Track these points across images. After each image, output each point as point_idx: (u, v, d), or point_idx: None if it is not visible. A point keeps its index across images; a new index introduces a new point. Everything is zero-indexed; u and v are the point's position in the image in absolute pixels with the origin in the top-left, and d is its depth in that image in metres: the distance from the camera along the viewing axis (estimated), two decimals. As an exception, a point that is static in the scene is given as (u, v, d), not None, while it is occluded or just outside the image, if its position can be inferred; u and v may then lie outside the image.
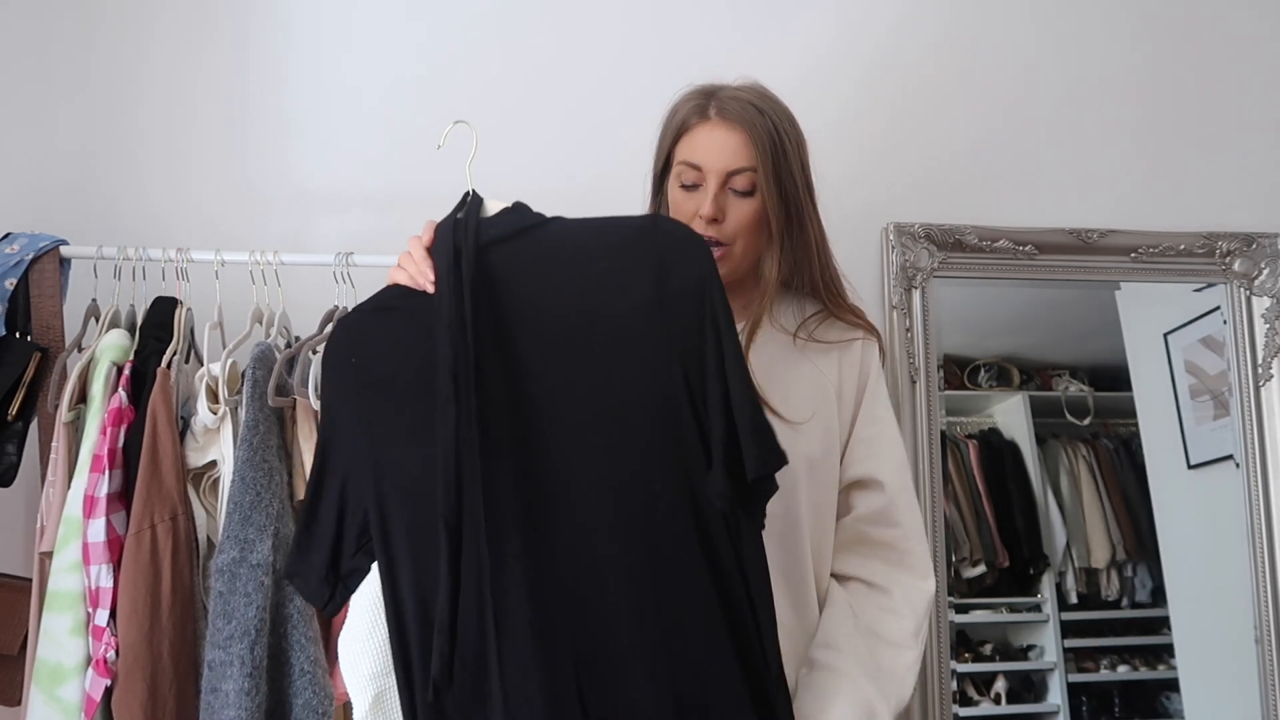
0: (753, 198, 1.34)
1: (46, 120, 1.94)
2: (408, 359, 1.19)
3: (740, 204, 1.34)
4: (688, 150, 1.36)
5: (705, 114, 1.35)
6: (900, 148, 2.07)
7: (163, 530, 1.48)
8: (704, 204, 1.33)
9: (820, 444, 1.37)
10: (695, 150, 1.35)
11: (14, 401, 1.59)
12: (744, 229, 1.35)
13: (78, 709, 1.46)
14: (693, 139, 1.36)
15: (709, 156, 1.34)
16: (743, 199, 1.34)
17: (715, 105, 1.35)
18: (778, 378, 1.37)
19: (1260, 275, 2.08)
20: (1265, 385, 2.05)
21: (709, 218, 1.33)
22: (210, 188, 1.95)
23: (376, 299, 1.26)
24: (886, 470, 1.39)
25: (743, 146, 1.33)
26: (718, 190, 1.33)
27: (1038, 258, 2.04)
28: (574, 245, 1.20)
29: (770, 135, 1.33)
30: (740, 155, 1.33)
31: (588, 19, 2.05)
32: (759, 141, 1.32)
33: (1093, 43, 2.15)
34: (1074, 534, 2.15)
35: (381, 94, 2.00)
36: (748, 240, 1.36)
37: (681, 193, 1.37)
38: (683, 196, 1.36)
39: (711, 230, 1.33)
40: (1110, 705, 2.13)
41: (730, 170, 1.33)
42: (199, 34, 1.98)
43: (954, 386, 2.08)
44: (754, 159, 1.33)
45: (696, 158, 1.35)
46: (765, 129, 1.33)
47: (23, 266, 1.63)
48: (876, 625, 1.32)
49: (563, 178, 1.98)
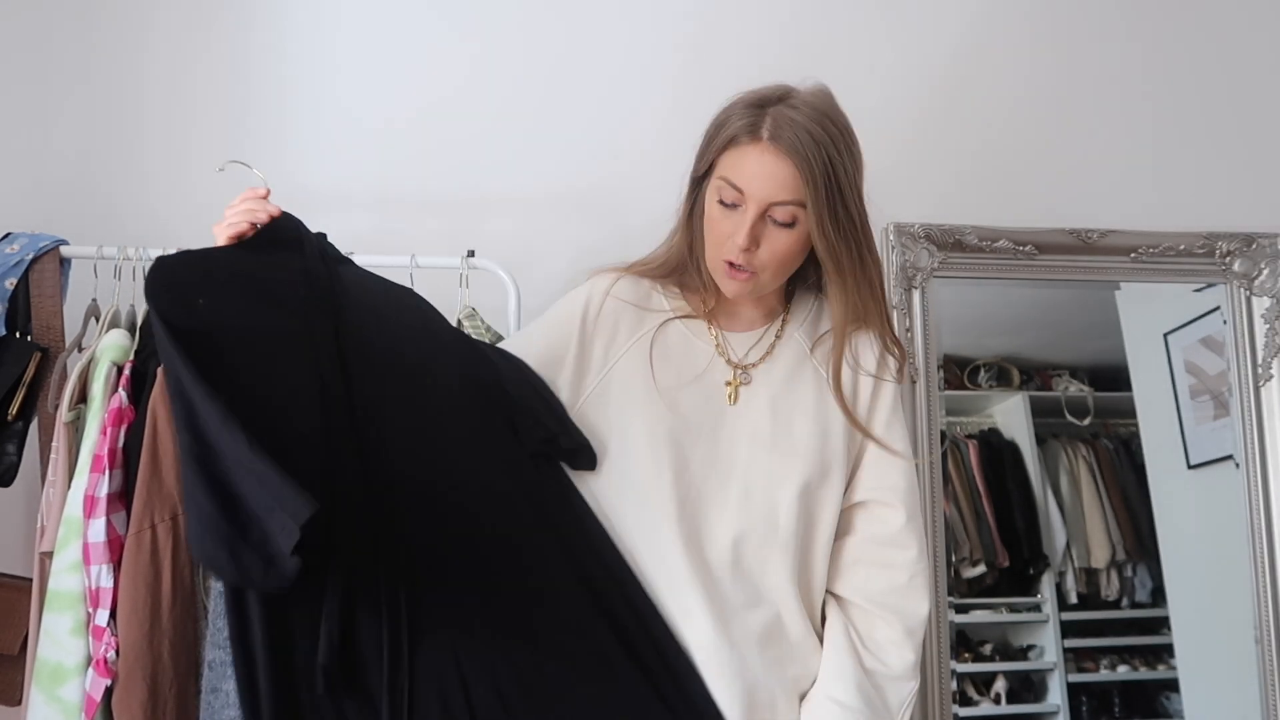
0: (791, 230, 1.29)
1: (47, 120, 1.94)
2: (252, 315, 1.19)
3: (777, 234, 1.29)
4: (733, 168, 1.28)
5: (757, 134, 1.26)
6: (900, 148, 2.06)
7: (163, 530, 1.48)
8: (740, 232, 1.28)
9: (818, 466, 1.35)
10: (741, 173, 1.27)
11: (14, 401, 1.59)
12: (776, 260, 1.31)
13: (78, 709, 1.46)
14: (740, 158, 1.28)
15: (754, 184, 1.26)
16: (780, 229, 1.29)
17: (769, 126, 1.26)
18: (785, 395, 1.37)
19: (1260, 275, 2.08)
20: (1265, 385, 2.05)
21: (743, 248, 1.28)
22: (210, 187, 1.95)
23: (207, 249, 1.23)
24: (901, 493, 1.36)
25: (791, 179, 1.25)
26: (756, 219, 1.27)
27: (1038, 258, 2.04)
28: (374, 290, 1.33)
29: (825, 169, 1.25)
30: (786, 188, 1.26)
31: (594, 20, 2.05)
32: (809, 176, 1.24)
33: (1093, 43, 2.15)
34: (1074, 534, 2.15)
35: (382, 94, 2.00)
36: (776, 270, 1.33)
37: (719, 209, 1.31)
38: (720, 213, 1.31)
39: (742, 258, 1.29)
40: (1110, 705, 2.13)
41: (772, 201, 1.27)
42: (199, 34, 1.98)
43: (954, 386, 2.08)
44: (801, 193, 1.25)
45: (741, 181, 1.27)
46: (820, 161, 1.24)
47: (23, 266, 1.63)
48: (883, 658, 1.31)
49: (563, 177, 1.99)
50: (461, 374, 1.33)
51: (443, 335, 1.37)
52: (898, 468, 1.38)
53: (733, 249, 1.29)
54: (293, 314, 1.20)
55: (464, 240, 1.76)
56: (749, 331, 1.42)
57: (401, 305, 1.35)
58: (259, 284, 1.20)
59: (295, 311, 1.21)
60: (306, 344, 1.19)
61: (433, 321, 1.37)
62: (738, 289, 1.34)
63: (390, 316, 1.32)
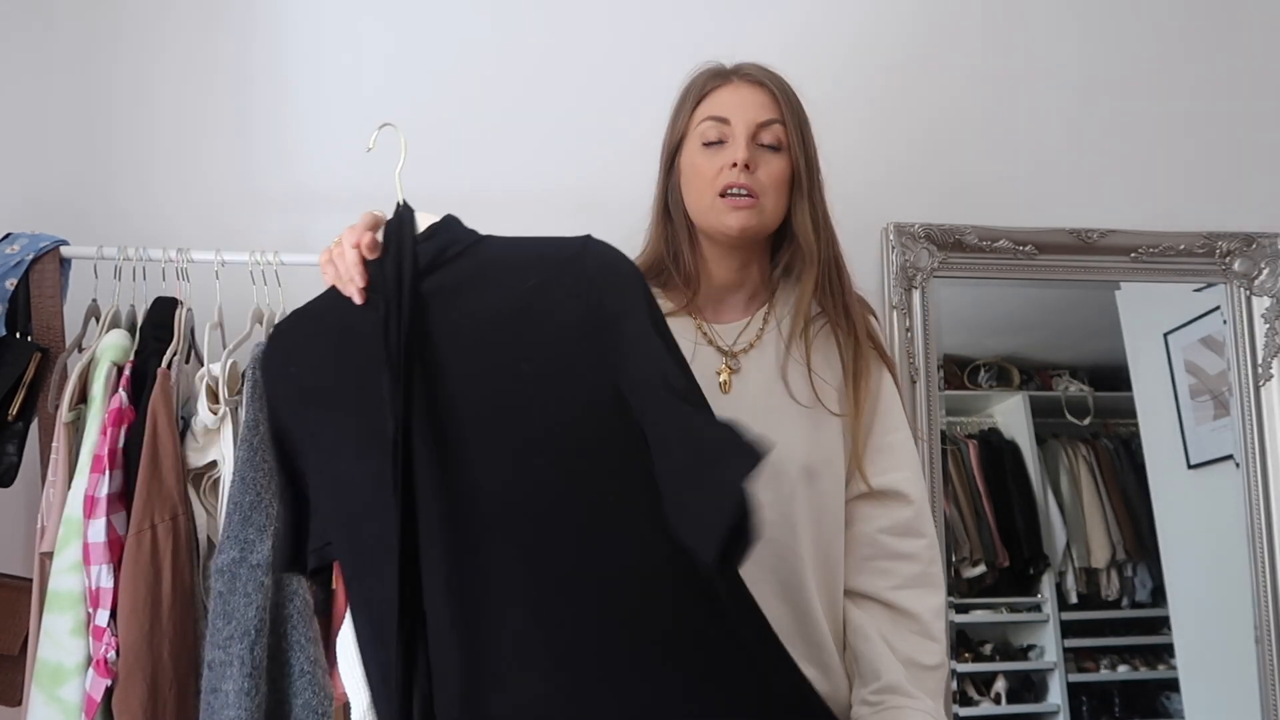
0: (781, 154, 1.34)
1: (47, 120, 1.94)
2: (343, 369, 1.18)
3: (770, 159, 1.33)
4: (713, 107, 1.36)
5: (727, 78, 1.37)
6: (901, 148, 2.07)
7: (163, 530, 1.48)
8: (737, 151, 1.31)
9: (819, 454, 1.34)
10: (722, 105, 1.35)
11: (14, 401, 1.58)
12: (775, 183, 1.34)
13: (78, 709, 1.46)
14: (717, 97, 1.36)
15: (737, 109, 1.34)
16: (772, 154, 1.33)
17: (736, 72, 1.38)
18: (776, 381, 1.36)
19: (1260, 275, 2.08)
20: (1265, 385, 2.05)
21: (743, 163, 1.31)
22: (210, 187, 1.95)
23: (310, 305, 1.25)
24: (909, 481, 1.36)
25: (769, 101, 1.34)
26: (748, 140, 1.32)
27: (1038, 258, 2.04)
28: (504, 269, 1.16)
29: (791, 97, 1.36)
30: (767, 108, 1.34)
31: (581, 18, 2.05)
32: (784, 99, 1.35)
33: (1092, 44, 2.15)
34: (1074, 534, 2.15)
35: (381, 94, 2.00)
36: (778, 196, 1.34)
37: (704, 153, 1.34)
38: (705, 157, 1.34)
39: (744, 178, 1.31)
40: (1110, 705, 2.13)
41: (759, 121, 1.33)
42: (199, 34, 1.98)
43: (954, 386, 2.08)
44: (780, 113, 1.34)
45: (724, 111, 1.34)
46: (787, 90, 1.37)
47: (23, 266, 1.63)
48: (915, 654, 1.30)
49: (562, 176, 1.99)
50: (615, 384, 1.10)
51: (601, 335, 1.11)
52: (899, 455, 1.37)
53: (731, 173, 1.32)
54: (364, 368, 1.15)
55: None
56: (735, 322, 1.42)
57: (547, 303, 1.13)
58: (339, 340, 1.19)
59: (366, 365, 1.15)
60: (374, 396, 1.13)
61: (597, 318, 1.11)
62: (743, 218, 1.33)
63: (509, 328, 1.13)
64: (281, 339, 1.26)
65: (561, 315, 1.11)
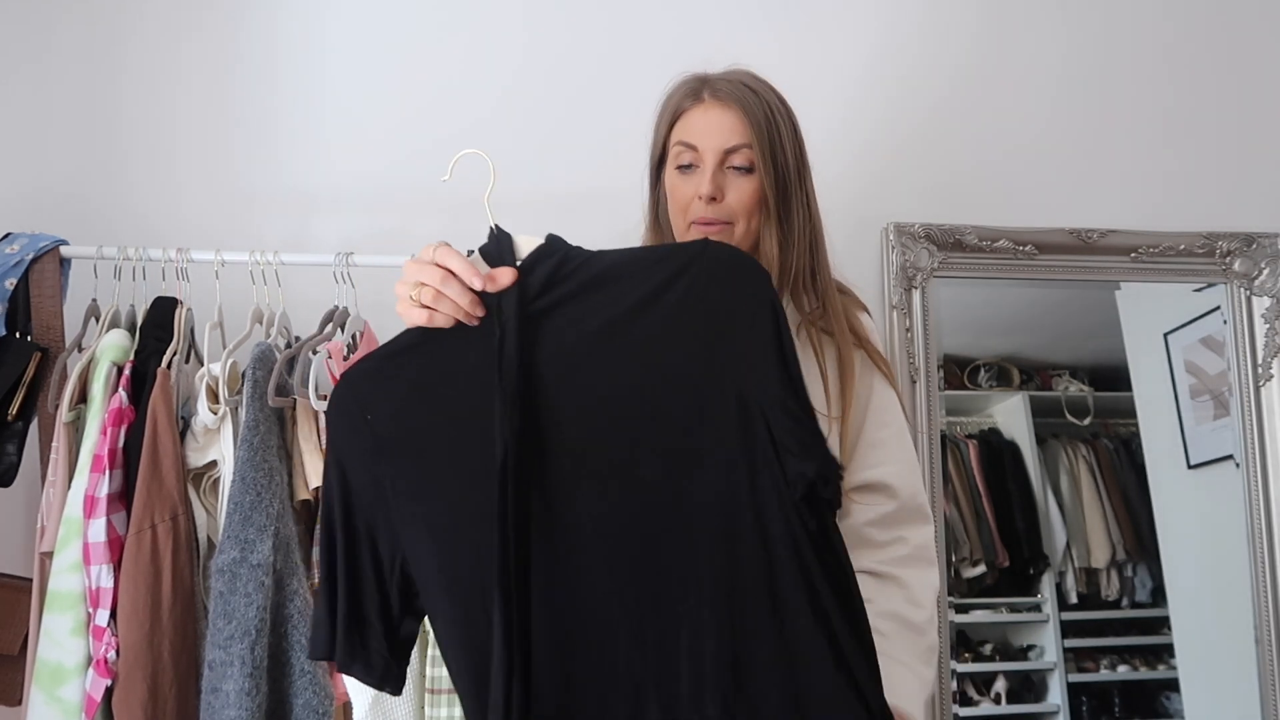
0: (752, 175, 1.33)
1: (47, 120, 1.94)
2: (432, 412, 1.12)
3: (740, 182, 1.33)
4: (684, 132, 1.36)
5: (699, 96, 1.36)
6: (901, 148, 2.07)
7: (163, 530, 1.48)
8: (703, 183, 1.32)
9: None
10: (691, 131, 1.35)
11: (14, 401, 1.59)
12: (745, 207, 1.34)
13: (78, 709, 1.46)
14: (688, 121, 1.36)
15: (705, 136, 1.33)
16: (742, 176, 1.33)
17: (709, 89, 1.36)
18: None
19: (1260, 275, 2.08)
20: (1265, 385, 2.05)
21: (707, 197, 1.32)
22: (210, 188, 1.95)
23: (388, 347, 1.16)
24: (896, 475, 1.36)
25: (738, 124, 1.33)
26: (715, 169, 1.32)
27: (1038, 258, 2.04)
28: (618, 280, 1.11)
29: (764, 113, 1.33)
30: (736, 133, 1.33)
31: (595, 20, 2.05)
32: (754, 119, 1.32)
33: (1092, 44, 2.15)
34: (1074, 534, 2.15)
35: (380, 94, 2.00)
36: (749, 219, 1.35)
37: (679, 176, 1.36)
38: (680, 180, 1.36)
39: (710, 211, 1.32)
40: (1110, 705, 2.13)
41: (726, 148, 1.33)
42: (199, 34, 1.98)
43: (954, 386, 2.08)
44: (749, 136, 1.33)
45: (693, 138, 1.34)
46: (759, 107, 1.33)
47: (23, 266, 1.63)
48: (900, 612, 1.29)
49: (563, 178, 1.99)
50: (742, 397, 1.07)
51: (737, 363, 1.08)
52: (889, 449, 1.37)
53: (699, 206, 1.33)
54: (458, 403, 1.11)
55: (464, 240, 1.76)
56: None
57: (663, 310, 1.10)
58: (423, 380, 1.12)
59: (463, 400, 1.10)
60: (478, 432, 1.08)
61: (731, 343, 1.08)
62: None
63: (624, 336, 1.10)
64: (356, 385, 1.15)
65: (679, 321, 1.09)
